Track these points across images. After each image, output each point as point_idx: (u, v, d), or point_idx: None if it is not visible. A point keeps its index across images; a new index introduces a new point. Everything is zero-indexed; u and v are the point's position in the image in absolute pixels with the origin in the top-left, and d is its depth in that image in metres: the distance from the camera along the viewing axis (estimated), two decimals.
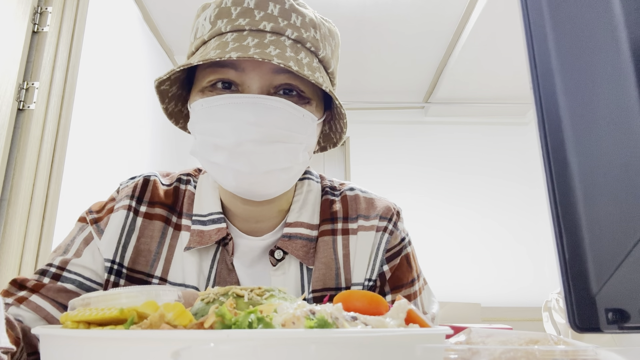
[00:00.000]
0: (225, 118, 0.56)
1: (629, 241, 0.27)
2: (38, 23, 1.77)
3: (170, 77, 0.61)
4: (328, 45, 0.64)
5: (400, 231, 0.73)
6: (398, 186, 3.60)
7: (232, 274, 0.66)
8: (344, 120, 0.65)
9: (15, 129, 1.64)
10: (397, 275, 0.71)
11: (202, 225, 0.67)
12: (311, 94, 0.62)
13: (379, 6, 2.58)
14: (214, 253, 0.67)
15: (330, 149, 0.75)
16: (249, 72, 0.59)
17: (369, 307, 0.38)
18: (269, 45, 0.57)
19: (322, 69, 0.63)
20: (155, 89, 0.62)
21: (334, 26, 0.68)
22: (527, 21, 0.33)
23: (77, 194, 1.87)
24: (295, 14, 0.61)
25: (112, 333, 0.30)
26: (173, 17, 2.64)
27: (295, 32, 0.60)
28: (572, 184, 0.30)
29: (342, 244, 0.69)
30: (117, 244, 0.66)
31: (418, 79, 3.41)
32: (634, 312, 0.27)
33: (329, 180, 0.77)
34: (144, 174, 0.73)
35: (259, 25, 0.58)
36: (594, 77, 0.30)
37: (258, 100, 0.56)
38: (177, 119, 0.71)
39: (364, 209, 0.72)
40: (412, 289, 0.71)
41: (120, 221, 0.66)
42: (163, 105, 0.67)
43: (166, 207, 0.70)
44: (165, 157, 2.84)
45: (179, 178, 0.73)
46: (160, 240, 0.67)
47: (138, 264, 0.66)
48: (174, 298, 0.43)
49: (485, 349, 0.21)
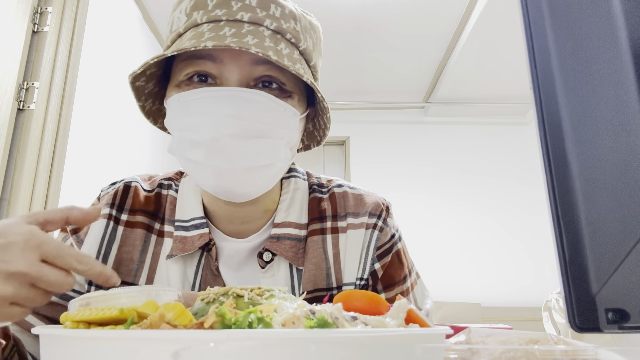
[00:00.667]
0: (203, 112, 0.54)
1: (629, 241, 0.27)
2: (38, 23, 1.77)
3: (145, 72, 0.58)
4: (309, 37, 0.62)
5: (390, 227, 0.71)
6: (398, 186, 3.60)
7: (218, 279, 0.65)
8: (327, 115, 0.63)
9: (15, 129, 1.64)
10: (389, 273, 0.69)
11: (185, 231, 0.65)
12: (293, 88, 0.60)
13: (379, 6, 2.58)
14: (199, 259, 0.65)
15: (314, 147, 0.73)
16: (227, 63, 0.56)
17: (369, 307, 0.38)
18: (246, 35, 0.55)
19: (303, 61, 0.61)
20: (130, 85, 0.59)
21: (315, 20, 0.66)
22: (527, 21, 0.33)
23: (77, 194, 1.87)
24: (274, 5, 0.59)
25: (112, 333, 0.30)
26: None
27: (274, 23, 0.58)
28: (572, 184, 0.30)
29: (332, 242, 0.68)
30: (97, 254, 0.64)
31: (418, 79, 3.41)
32: (634, 312, 0.27)
33: (315, 177, 0.75)
34: (125, 179, 0.70)
35: (236, 15, 0.57)
36: (594, 77, 0.30)
37: (237, 93, 0.54)
38: (156, 118, 0.68)
39: (352, 206, 0.71)
40: (404, 286, 0.70)
41: (99, 231, 0.64)
42: (139, 103, 0.64)
43: (148, 214, 0.67)
44: (165, 157, 2.84)
45: (160, 183, 0.71)
46: (143, 248, 0.65)
47: (120, 274, 0.64)
48: (174, 298, 0.43)
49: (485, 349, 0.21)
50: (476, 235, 3.52)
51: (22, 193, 1.60)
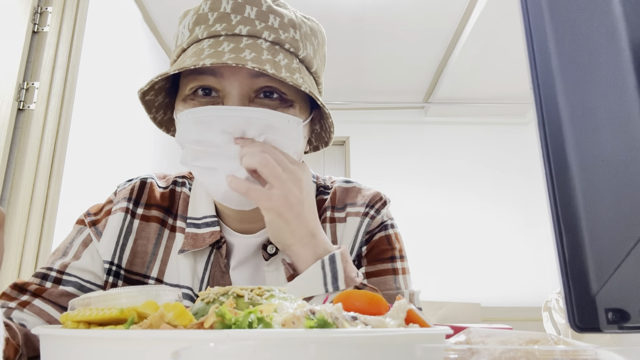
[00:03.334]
0: (210, 129, 0.57)
1: (629, 241, 0.27)
2: (38, 23, 1.77)
3: (153, 86, 0.61)
4: (309, 44, 0.64)
5: (383, 216, 0.73)
6: (398, 186, 3.60)
7: (226, 276, 0.67)
8: (329, 119, 0.65)
9: (15, 129, 1.64)
10: (375, 249, 0.71)
11: (196, 228, 0.68)
12: (293, 96, 0.62)
13: (379, 6, 2.58)
14: (208, 255, 0.68)
15: (322, 148, 0.76)
16: (228, 77, 0.59)
17: (369, 307, 0.38)
18: (244, 50, 0.57)
19: (303, 69, 0.62)
20: (140, 100, 0.62)
21: (317, 24, 0.67)
22: (527, 21, 0.33)
23: (77, 194, 1.87)
24: (273, 15, 0.60)
25: (112, 333, 0.30)
26: (173, 18, 2.64)
27: (272, 34, 0.60)
28: (572, 184, 0.30)
29: (330, 231, 0.70)
30: (115, 245, 0.67)
31: (418, 79, 3.41)
32: (634, 312, 0.27)
33: (322, 179, 0.78)
34: (140, 176, 0.73)
35: (234, 29, 0.59)
36: (594, 77, 0.30)
37: (241, 113, 0.57)
38: (168, 127, 0.71)
39: (351, 197, 0.74)
40: (390, 265, 0.70)
41: (118, 223, 0.68)
42: (150, 115, 0.67)
43: (162, 209, 0.71)
44: (165, 157, 2.84)
45: (175, 180, 0.74)
46: (157, 242, 0.69)
47: (135, 265, 0.67)
48: (174, 298, 0.43)
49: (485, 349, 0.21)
50: (476, 236, 3.52)
51: (22, 193, 1.60)
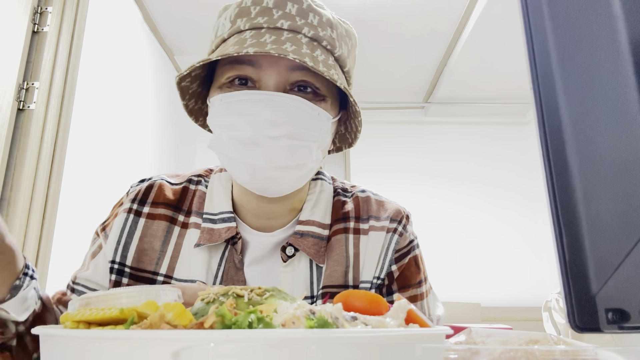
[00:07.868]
0: (243, 113, 0.58)
1: (629, 241, 0.27)
2: (38, 23, 1.77)
3: (190, 73, 0.63)
4: (344, 44, 0.66)
5: (410, 234, 0.75)
6: (398, 186, 3.60)
7: (240, 272, 0.68)
8: (358, 118, 0.67)
9: (15, 129, 1.64)
10: (405, 275, 0.73)
11: (213, 223, 0.69)
12: (326, 92, 0.64)
13: (379, 7, 2.58)
14: (223, 251, 0.69)
15: (345, 149, 0.78)
16: (266, 68, 0.61)
17: (369, 307, 0.38)
18: (285, 42, 0.59)
19: (337, 67, 0.65)
20: (177, 85, 0.65)
21: (351, 27, 0.70)
22: (527, 21, 0.33)
23: (77, 194, 1.87)
24: (312, 14, 0.63)
25: (112, 333, 0.30)
26: (173, 18, 2.64)
27: (312, 31, 0.62)
28: (572, 184, 0.30)
29: (354, 243, 0.71)
30: (116, 244, 0.68)
31: (418, 79, 3.40)
32: (634, 312, 0.27)
33: (340, 182, 0.80)
34: (153, 177, 0.75)
35: (276, 23, 0.61)
36: (594, 77, 0.30)
37: (275, 98, 0.58)
38: (197, 116, 0.73)
39: (375, 210, 0.75)
40: (419, 290, 0.73)
41: (120, 224, 0.69)
42: (184, 102, 0.69)
43: (171, 207, 0.72)
44: (165, 157, 2.84)
45: (190, 179, 0.76)
46: (165, 238, 0.70)
47: (142, 263, 0.68)
48: (174, 298, 0.43)
49: (485, 349, 0.21)
50: (476, 236, 3.51)
51: (22, 193, 1.60)
